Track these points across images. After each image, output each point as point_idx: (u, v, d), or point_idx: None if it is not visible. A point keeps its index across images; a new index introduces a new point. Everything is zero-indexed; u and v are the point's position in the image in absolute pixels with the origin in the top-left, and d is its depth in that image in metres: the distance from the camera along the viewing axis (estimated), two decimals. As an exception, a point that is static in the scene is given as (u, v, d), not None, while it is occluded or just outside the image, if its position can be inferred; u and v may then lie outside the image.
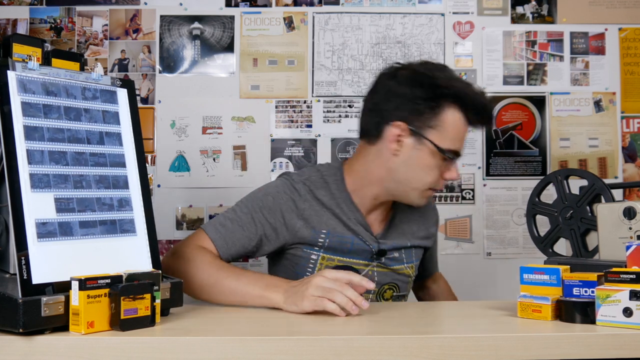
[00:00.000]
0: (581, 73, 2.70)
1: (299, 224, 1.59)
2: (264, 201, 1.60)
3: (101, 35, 2.65)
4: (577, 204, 1.37)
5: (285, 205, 1.60)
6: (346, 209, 1.63)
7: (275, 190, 1.62)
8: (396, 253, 1.68)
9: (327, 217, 1.62)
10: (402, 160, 1.56)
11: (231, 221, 1.57)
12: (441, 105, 1.50)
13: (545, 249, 1.43)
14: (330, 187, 1.64)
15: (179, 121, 2.65)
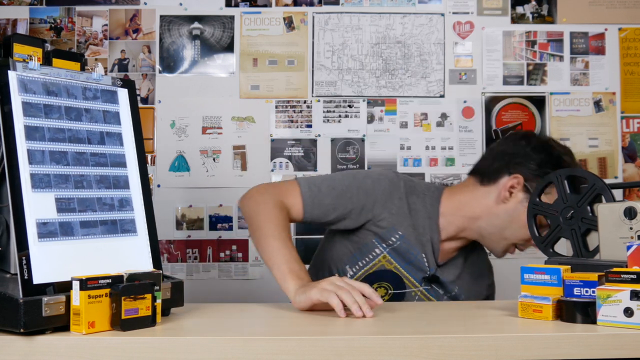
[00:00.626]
0: (581, 73, 2.70)
1: (384, 214, 1.63)
2: (363, 182, 1.65)
3: (101, 35, 2.65)
4: (577, 204, 1.37)
5: (380, 193, 1.64)
6: (428, 225, 1.67)
7: (378, 176, 1.68)
8: (441, 290, 1.70)
9: (408, 222, 1.65)
10: (506, 209, 1.63)
11: (326, 186, 1.62)
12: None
13: (546, 249, 1.43)
14: (425, 200, 1.68)
15: (179, 121, 2.65)
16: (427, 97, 2.69)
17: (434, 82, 2.69)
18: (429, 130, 2.68)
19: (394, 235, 1.64)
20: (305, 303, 1.31)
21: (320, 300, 1.28)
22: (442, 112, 2.69)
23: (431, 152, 2.67)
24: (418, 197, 1.68)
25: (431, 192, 1.71)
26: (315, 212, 1.60)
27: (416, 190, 1.69)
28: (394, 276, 1.66)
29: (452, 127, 2.68)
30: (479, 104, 2.69)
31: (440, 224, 1.67)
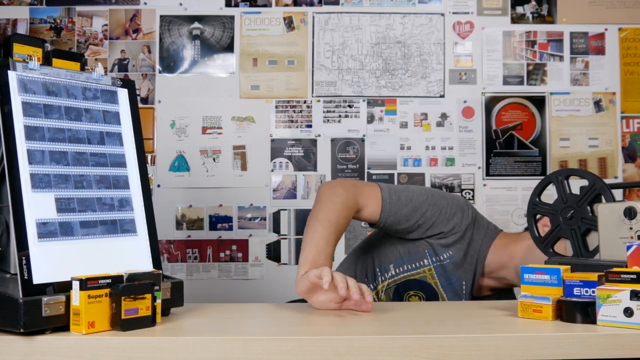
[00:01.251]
0: (581, 73, 2.70)
1: (447, 234, 1.67)
2: (438, 200, 1.68)
3: (101, 35, 2.65)
4: (577, 204, 1.37)
5: (451, 215, 1.67)
6: (477, 257, 1.70)
7: (452, 199, 1.72)
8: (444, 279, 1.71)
9: (463, 248, 1.68)
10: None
11: (405, 197, 1.65)
12: None
13: (546, 249, 1.43)
14: (482, 234, 1.72)
15: (178, 121, 2.65)
16: (427, 97, 2.69)
17: (434, 82, 2.69)
18: (429, 130, 2.68)
19: (446, 252, 1.68)
20: (305, 284, 1.33)
21: (316, 276, 1.29)
22: (442, 112, 2.69)
23: (431, 152, 2.67)
24: (478, 230, 1.72)
25: (490, 230, 1.75)
26: (390, 219, 1.63)
27: (479, 223, 1.73)
28: (432, 290, 1.68)
29: (452, 127, 2.68)
30: (479, 104, 2.69)
31: (487, 259, 1.70)
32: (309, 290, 1.34)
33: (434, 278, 1.68)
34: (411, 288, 1.67)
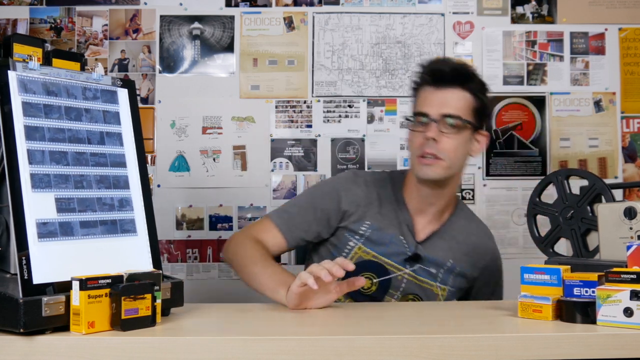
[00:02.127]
0: (581, 73, 2.70)
1: (350, 209, 1.71)
2: (322, 188, 1.80)
3: (101, 35, 2.65)
4: (577, 204, 1.37)
5: (341, 189, 1.73)
6: (397, 208, 1.73)
7: (337, 177, 1.82)
8: (433, 268, 1.71)
9: (376, 210, 1.72)
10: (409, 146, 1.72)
11: (292, 207, 1.74)
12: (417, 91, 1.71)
13: (546, 249, 1.43)
14: (388, 186, 1.76)
15: (179, 121, 2.65)
16: (427, 97, 2.69)
17: (434, 82, 2.68)
18: (429, 130, 2.68)
19: (362, 225, 1.70)
20: (293, 299, 1.35)
21: (298, 286, 1.32)
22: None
23: (431, 152, 2.67)
24: (382, 185, 1.76)
25: (396, 177, 1.79)
26: (295, 234, 1.69)
27: (380, 179, 1.78)
28: (375, 264, 1.69)
29: (452, 127, 2.68)
30: (479, 104, 2.69)
31: (407, 202, 1.73)
32: (302, 300, 1.35)
33: (368, 253, 1.70)
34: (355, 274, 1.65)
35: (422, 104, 1.66)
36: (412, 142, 1.67)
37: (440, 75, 1.64)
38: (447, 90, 1.63)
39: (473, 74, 1.68)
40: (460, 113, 1.63)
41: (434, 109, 1.63)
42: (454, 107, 1.63)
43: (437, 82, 1.64)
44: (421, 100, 1.67)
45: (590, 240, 1.37)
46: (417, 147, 1.65)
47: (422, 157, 1.63)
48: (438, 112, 1.62)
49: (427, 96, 1.66)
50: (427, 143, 1.62)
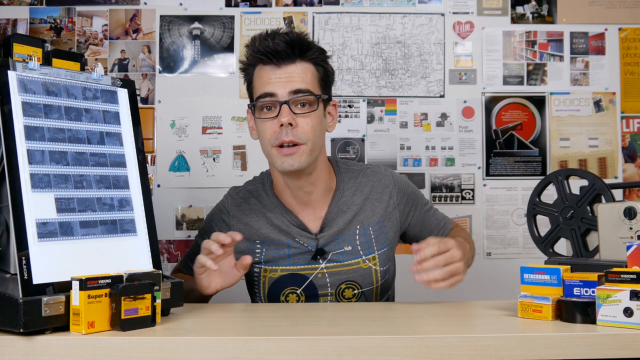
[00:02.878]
0: (581, 73, 2.70)
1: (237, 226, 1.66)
2: (204, 227, 1.74)
3: (101, 35, 2.65)
4: (577, 204, 1.37)
5: (217, 227, 1.68)
6: (277, 212, 1.64)
7: (211, 213, 1.75)
8: (348, 246, 1.62)
9: (258, 226, 1.64)
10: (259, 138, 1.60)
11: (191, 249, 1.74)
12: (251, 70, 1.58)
13: (546, 249, 1.43)
14: (260, 193, 1.68)
15: (178, 121, 2.65)
16: (427, 97, 2.69)
17: (434, 82, 2.69)
18: (429, 130, 2.68)
19: (255, 247, 1.63)
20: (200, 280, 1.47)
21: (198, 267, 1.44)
22: (442, 112, 2.69)
23: (431, 152, 2.67)
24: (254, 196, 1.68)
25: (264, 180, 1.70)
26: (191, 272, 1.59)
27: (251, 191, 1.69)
28: (290, 277, 1.61)
29: (452, 127, 2.68)
30: (479, 104, 2.69)
31: (283, 202, 1.64)
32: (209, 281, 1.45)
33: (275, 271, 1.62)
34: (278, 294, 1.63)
35: (263, 85, 1.51)
36: (263, 131, 1.53)
37: (276, 51, 1.50)
38: (289, 65, 1.51)
39: (310, 42, 1.55)
40: (310, 87, 1.51)
41: (281, 87, 1.50)
42: (302, 80, 1.51)
43: (276, 59, 1.50)
44: (261, 81, 1.52)
45: (590, 240, 1.37)
46: (271, 137, 1.51)
47: (281, 147, 1.51)
48: (285, 90, 1.49)
49: (267, 75, 1.51)
50: (282, 130, 1.50)
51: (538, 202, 1.46)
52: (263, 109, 1.53)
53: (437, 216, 1.77)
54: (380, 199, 1.67)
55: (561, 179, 1.41)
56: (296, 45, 1.52)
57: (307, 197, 1.62)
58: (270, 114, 1.52)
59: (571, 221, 1.38)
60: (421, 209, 1.74)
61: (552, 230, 1.42)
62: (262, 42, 1.53)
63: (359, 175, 1.69)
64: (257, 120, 1.55)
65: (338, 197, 1.65)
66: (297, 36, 1.53)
